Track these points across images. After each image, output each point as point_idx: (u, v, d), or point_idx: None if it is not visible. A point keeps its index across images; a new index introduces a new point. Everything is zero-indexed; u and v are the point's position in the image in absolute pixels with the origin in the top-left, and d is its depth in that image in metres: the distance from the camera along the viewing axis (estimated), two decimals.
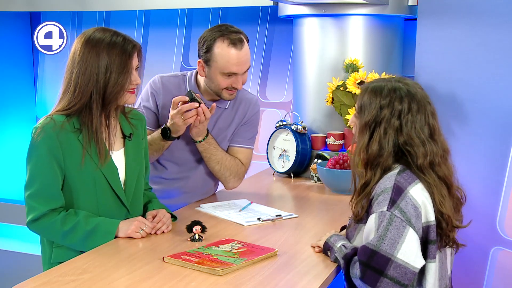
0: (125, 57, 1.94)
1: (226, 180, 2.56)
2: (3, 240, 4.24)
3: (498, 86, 2.37)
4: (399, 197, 1.69)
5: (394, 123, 1.76)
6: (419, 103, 1.78)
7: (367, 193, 1.78)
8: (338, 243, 1.83)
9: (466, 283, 2.40)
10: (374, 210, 1.71)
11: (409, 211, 1.68)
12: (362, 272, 1.65)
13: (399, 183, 1.72)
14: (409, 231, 1.65)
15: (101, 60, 1.92)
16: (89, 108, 1.94)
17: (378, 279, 1.63)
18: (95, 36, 1.95)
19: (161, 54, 4.24)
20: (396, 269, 1.62)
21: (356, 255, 1.73)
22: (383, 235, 1.65)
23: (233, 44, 2.35)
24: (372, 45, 3.07)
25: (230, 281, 1.69)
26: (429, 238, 1.73)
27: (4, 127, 4.59)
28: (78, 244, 1.96)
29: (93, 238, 1.94)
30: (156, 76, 2.54)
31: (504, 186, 2.36)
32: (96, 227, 1.95)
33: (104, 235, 1.96)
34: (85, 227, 1.94)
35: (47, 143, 1.92)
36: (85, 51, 1.93)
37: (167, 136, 2.38)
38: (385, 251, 1.63)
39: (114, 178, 2.01)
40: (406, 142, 1.76)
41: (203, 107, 2.33)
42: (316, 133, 3.14)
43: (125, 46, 1.95)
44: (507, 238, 2.37)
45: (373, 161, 1.78)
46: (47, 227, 1.95)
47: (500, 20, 2.36)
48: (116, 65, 1.93)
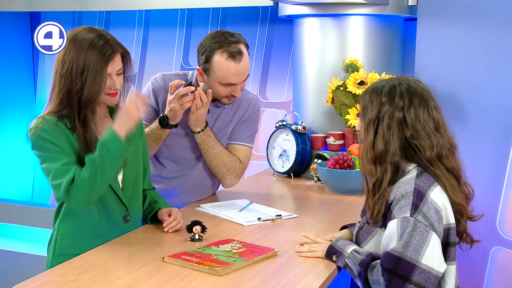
0: (102, 62, 1.90)
1: (223, 177, 2.56)
2: (3, 240, 4.24)
3: (498, 86, 2.37)
4: (421, 201, 1.68)
5: (397, 116, 1.75)
6: (420, 98, 1.77)
7: (383, 192, 1.75)
8: (348, 248, 1.80)
9: (466, 283, 2.40)
10: (396, 216, 1.69)
11: (432, 215, 1.67)
12: (388, 279, 1.64)
13: (420, 187, 1.71)
14: (433, 236, 1.65)
15: (80, 61, 1.89)
16: (72, 109, 1.92)
17: (404, 285, 1.62)
18: (80, 35, 1.93)
19: (161, 54, 4.24)
20: (420, 275, 1.62)
21: (373, 261, 1.72)
22: (408, 241, 1.63)
23: (232, 57, 2.35)
24: (372, 45, 3.07)
25: (230, 281, 1.69)
26: (449, 240, 1.73)
27: (4, 127, 4.59)
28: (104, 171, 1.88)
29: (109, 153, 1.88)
30: (158, 73, 2.55)
31: (504, 186, 2.36)
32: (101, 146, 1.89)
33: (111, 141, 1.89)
34: (96, 156, 1.87)
35: (47, 135, 1.90)
36: (68, 50, 1.92)
37: (165, 123, 2.39)
38: (410, 257, 1.62)
39: None
40: (412, 136, 1.75)
41: (199, 91, 2.36)
42: (316, 133, 3.14)
43: (104, 50, 1.90)
44: (507, 238, 2.37)
45: (380, 158, 1.76)
46: (77, 187, 1.88)
47: (500, 20, 2.36)
48: (92, 69, 1.89)
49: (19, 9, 4.33)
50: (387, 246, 1.69)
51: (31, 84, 4.72)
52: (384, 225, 1.74)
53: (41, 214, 4.07)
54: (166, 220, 2.10)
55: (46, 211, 4.02)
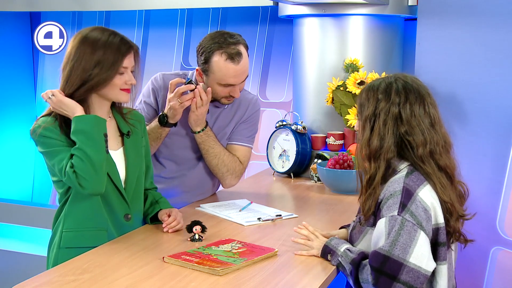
0: (118, 55, 1.95)
1: (223, 177, 2.56)
2: (3, 240, 4.24)
3: (498, 86, 2.37)
4: (409, 200, 1.68)
5: (393, 112, 1.75)
6: (417, 94, 1.77)
7: (375, 188, 1.75)
8: (341, 247, 1.81)
9: (466, 283, 2.40)
10: (384, 214, 1.70)
11: (420, 214, 1.67)
12: (375, 278, 1.64)
13: (408, 186, 1.71)
14: (421, 235, 1.65)
15: (95, 57, 1.93)
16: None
17: (391, 284, 1.62)
18: (92, 35, 1.97)
19: (161, 54, 4.24)
20: (408, 274, 1.62)
21: (363, 260, 1.72)
22: (395, 240, 1.64)
23: (231, 58, 2.36)
24: (372, 45, 3.07)
25: (230, 281, 1.69)
26: (438, 240, 1.72)
27: (4, 127, 4.59)
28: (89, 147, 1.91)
29: (84, 131, 1.91)
30: (158, 73, 2.56)
31: (504, 186, 2.36)
32: (73, 130, 1.92)
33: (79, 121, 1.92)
34: (76, 143, 1.91)
35: (49, 132, 1.94)
36: (81, 49, 1.95)
37: (164, 122, 2.39)
38: (398, 256, 1.62)
39: (114, 176, 2.02)
40: (407, 132, 1.75)
41: (199, 89, 2.37)
42: (316, 133, 3.14)
43: (120, 45, 1.97)
44: (507, 238, 2.37)
45: (375, 154, 1.76)
46: (78, 171, 1.90)
47: (500, 20, 2.36)
48: (108, 62, 1.94)
49: (19, 9, 4.33)
50: (376, 245, 1.69)
51: (31, 84, 4.72)
52: (374, 224, 1.75)
53: (41, 214, 4.07)
54: (165, 221, 2.11)
55: (46, 211, 4.02)
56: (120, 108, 2.11)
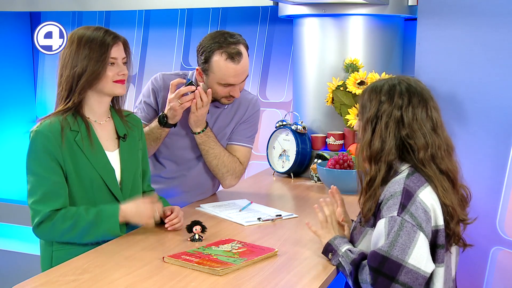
0: (104, 47, 1.96)
1: (223, 177, 2.56)
2: (3, 240, 4.24)
3: (498, 86, 2.37)
4: (409, 201, 1.68)
5: (395, 115, 1.74)
6: (420, 97, 1.77)
7: (375, 189, 1.75)
8: (342, 247, 1.81)
9: (466, 283, 2.40)
10: (384, 215, 1.69)
11: (420, 215, 1.67)
12: (374, 278, 1.64)
13: (408, 187, 1.70)
14: (420, 236, 1.64)
15: (83, 53, 1.95)
16: (74, 103, 1.97)
17: (390, 285, 1.62)
18: (77, 33, 2.00)
19: (161, 54, 4.24)
20: (407, 275, 1.61)
21: (363, 260, 1.72)
22: (394, 240, 1.63)
23: (231, 58, 2.36)
24: (372, 45, 3.07)
25: (230, 281, 1.69)
26: (437, 242, 1.72)
27: (4, 127, 4.59)
28: (82, 235, 1.95)
29: (98, 226, 1.94)
30: (158, 73, 2.56)
31: (504, 186, 2.36)
32: (98, 213, 1.95)
33: (108, 218, 1.96)
34: (87, 216, 1.93)
35: (46, 145, 1.93)
36: (69, 49, 1.98)
37: (164, 122, 2.39)
38: (396, 256, 1.62)
39: (110, 179, 2.02)
40: (408, 135, 1.74)
41: (200, 90, 2.37)
42: (316, 133, 3.14)
43: (105, 37, 1.97)
44: (507, 238, 2.37)
45: (376, 156, 1.76)
46: (50, 228, 1.93)
47: (500, 20, 2.36)
48: (96, 55, 1.95)
49: (19, 9, 4.33)
50: (375, 246, 1.69)
51: (31, 84, 4.72)
52: (375, 225, 1.74)
53: None
54: (167, 215, 2.10)
55: None
56: (119, 111, 2.11)
